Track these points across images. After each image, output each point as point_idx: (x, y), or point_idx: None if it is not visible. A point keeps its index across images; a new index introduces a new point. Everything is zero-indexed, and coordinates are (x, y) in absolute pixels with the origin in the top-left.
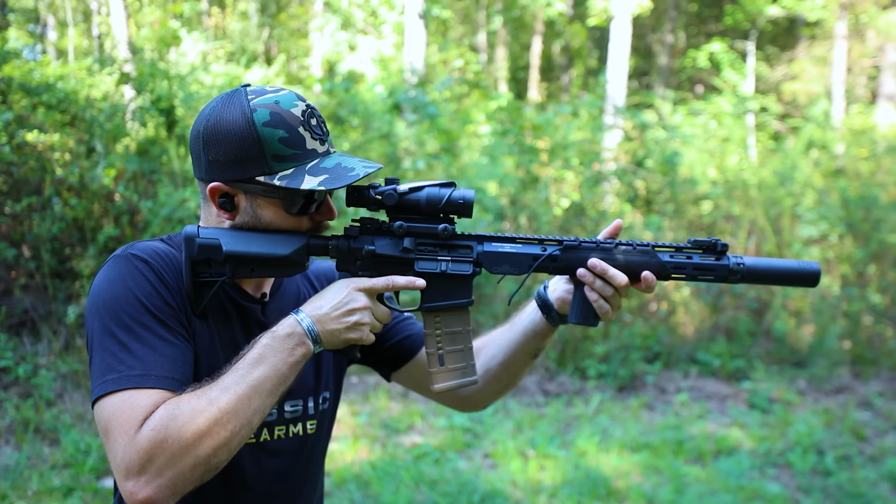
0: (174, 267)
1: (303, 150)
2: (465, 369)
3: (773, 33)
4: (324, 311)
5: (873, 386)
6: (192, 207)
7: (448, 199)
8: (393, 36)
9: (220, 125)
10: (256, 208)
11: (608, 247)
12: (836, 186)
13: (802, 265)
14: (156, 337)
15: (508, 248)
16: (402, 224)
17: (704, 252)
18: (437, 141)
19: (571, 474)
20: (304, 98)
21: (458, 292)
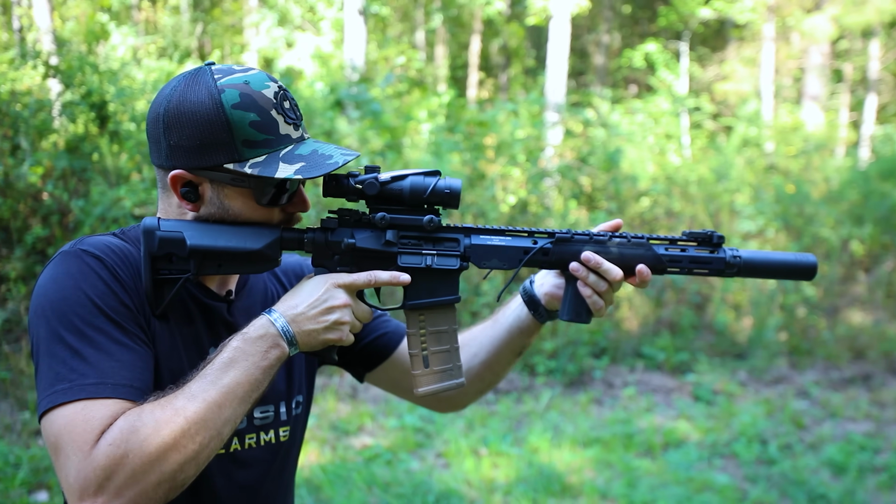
0: (130, 263)
1: (276, 135)
2: (451, 371)
3: (704, 35)
4: (299, 310)
5: (809, 375)
6: (127, 206)
7: (433, 188)
8: (332, 33)
9: (184, 106)
10: (224, 198)
11: (602, 239)
12: (772, 183)
13: (799, 258)
14: (111, 341)
15: (497, 241)
16: (384, 215)
17: (700, 244)
18: (381, 138)
19: (525, 471)
20: (276, 79)
21: (444, 288)
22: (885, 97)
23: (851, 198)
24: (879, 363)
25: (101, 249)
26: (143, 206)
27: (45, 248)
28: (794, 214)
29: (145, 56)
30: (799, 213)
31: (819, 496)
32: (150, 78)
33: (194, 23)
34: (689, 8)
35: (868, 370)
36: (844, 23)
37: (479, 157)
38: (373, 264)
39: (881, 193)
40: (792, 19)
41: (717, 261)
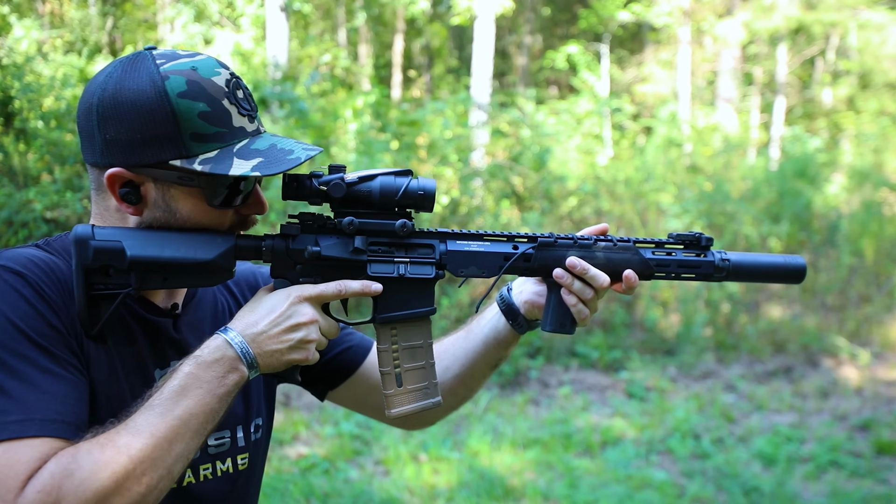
0: (58, 279)
1: (228, 127)
2: (426, 390)
3: (623, 37)
4: (260, 328)
5: (735, 370)
6: (37, 209)
7: (405, 189)
8: (252, 29)
9: (122, 95)
10: (170, 200)
11: (587, 243)
12: (695, 182)
13: (788, 260)
14: (37, 370)
15: (476, 247)
16: (352, 220)
17: (687, 247)
18: (309, 137)
19: (466, 476)
20: (227, 65)
21: (417, 299)
22: (792, 100)
23: (767, 196)
24: (799, 356)
25: (22, 264)
26: (55, 209)
27: None
28: (716, 212)
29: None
30: (721, 212)
31: (752, 488)
32: (57, 73)
33: (104, 17)
34: (608, 11)
35: (789, 363)
36: (754, 28)
37: (411, 156)
38: (339, 274)
39: (795, 192)
40: (705, 23)
41: (705, 265)
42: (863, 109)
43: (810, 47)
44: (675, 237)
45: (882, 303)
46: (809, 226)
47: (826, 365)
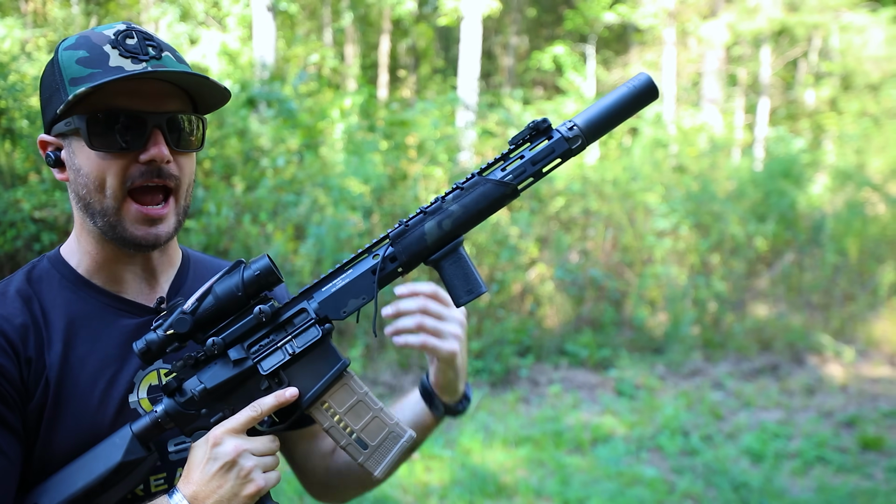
0: (7, 325)
1: (104, 67)
2: (392, 433)
3: (608, 38)
4: (197, 486)
5: (722, 367)
6: (26, 209)
7: (243, 282)
8: (238, 29)
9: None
10: (73, 157)
11: (437, 206)
12: (682, 182)
13: (632, 84)
14: None
15: (341, 283)
16: (214, 340)
17: (532, 142)
18: (298, 138)
19: (459, 473)
20: (140, 28)
21: (324, 364)
22: (775, 101)
23: (753, 196)
24: (785, 353)
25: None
26: (44, 209)
27: None
28: (703, 212)
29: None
30: (707, 212)
31: (741, 484)
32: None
33: (88, 16)
34: (593, 12)
35: (775, 360)
36: (738, 30)
37: (401, 156)
38: (242, 390)
39: (780, 192)
40: (690, 25)
41: (557, 143)
42: (845, 110)
43: (793, 49)
44: (513, 141)
45: (866, 301)
46: (795, 225)
47: (811, 362)
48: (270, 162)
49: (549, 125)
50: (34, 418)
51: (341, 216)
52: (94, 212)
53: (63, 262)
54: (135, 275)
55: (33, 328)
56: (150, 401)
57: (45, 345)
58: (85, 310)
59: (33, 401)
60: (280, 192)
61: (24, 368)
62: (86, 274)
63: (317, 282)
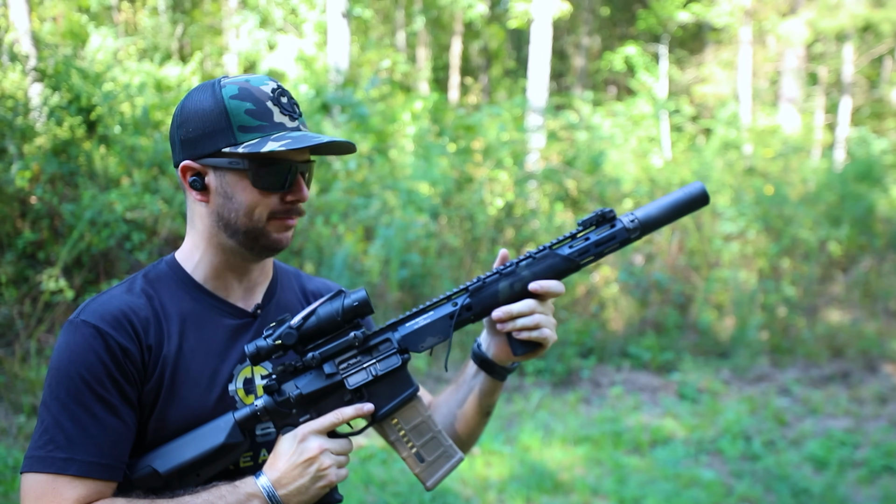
0: (133, 321)
1: (270, 122)
2: (446, 453)
3: (682, 38)
4: (281, 473)
5: (790, 373)
6: (118, 210)
7: (343, 309)
8: (314, 35)
9: (191, 104)
10: (226, 186)
11: (511, 269)
12: (752, 185)
13: (688, 190)
14: (90, 416)
15: (423, 321)
16: (313, 355)
17: (597, 227)
18: (369, 142)
19: (517, 469)
20: (278, 81)
21: (399, 386)
22: (858, 100)
23: (828, 199)
24: (857, 361)
25: (101, 317)
26: (135, 211)
27: (35, 252)
28: (773, 216)
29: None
30: (778, 215)
31: (802, 490)
32: (133, 81)
33: (174, 24)
34: (667, 11)
35: (847, 368)
36: (819, 27)
37: (467, 160)
38: (329, 399)
39: (857, 195)
40: (768, 23)
41: (619, 232)
42: None
43: (878, 46)
44: (582, 223)
45: None
46: (872, 229)
47: (886, 370)
48: (343, 165)
49: (614, 215)
50: (151, 397)
51: (409, 218)
52: (237, 230)
53: (179, 267)
54: (240, 283)
55: (154, 321)
56: (244, 391)
57: (165, 336)
58: (196, 309)
59: (150, 382)
60: (351, 195)
61: (145, 353)
62: (199, 279)
63: (402, 317)
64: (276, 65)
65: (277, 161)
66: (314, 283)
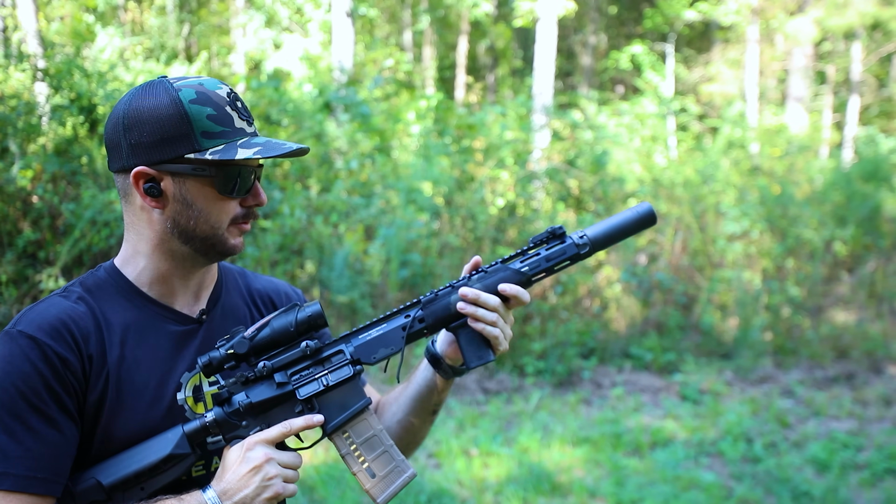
0: (72, 330)
1: (231, 127)
2: (397, 469)
3: (689, 36)
4: (226, 484)
5: (794, 375)
6: (118, 210)
7: (296, 321)
8: (320, 34)
9: (143, 107)
10: (185, 193)
11: (463, 283)
12: (756, 184)
13: (636, 211)
14: (25, 428)
15: (376, 333)
16: (265, 364)
17: (548, 242)
18: (371, 141)
19: (515, 471)
20: (226, 84)
21: (351, 398)
22: (867, 98)
23: (835, 199)
24: (862, 362)
25: (39, 327)
26: None
27: (35, 251)
28: (778, 216)
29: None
30: (783, 215)
31: (803, 493)
32: (137, 80)
33: (181, 24)
34: (674, 10)
35: (851, 369)
36: (827, 25)
37: (468, 159)
38: (279, 409)
39: (863, 195)
40: (776, 21)
41: (568, 248)
42: None
43: (887, 44)
44: (533, 240)
45: None
46: (878, 229)
47: (890, 372)
48: (344, 164)
49: (563, 232)
50: (94, 409)
51: (410, 217)
52: (193, 237)
53: (120, 274)
54: (185, 289)
55: (95, 330)
56: (193, 398)
57: (106, 346)
58: (139, 316)
59: (93, 394)
60: (352, 194)
61: (86, 364)
62: (142, 285)
63: (355, 329)
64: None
65: (240, 167)
66: (260, 282)
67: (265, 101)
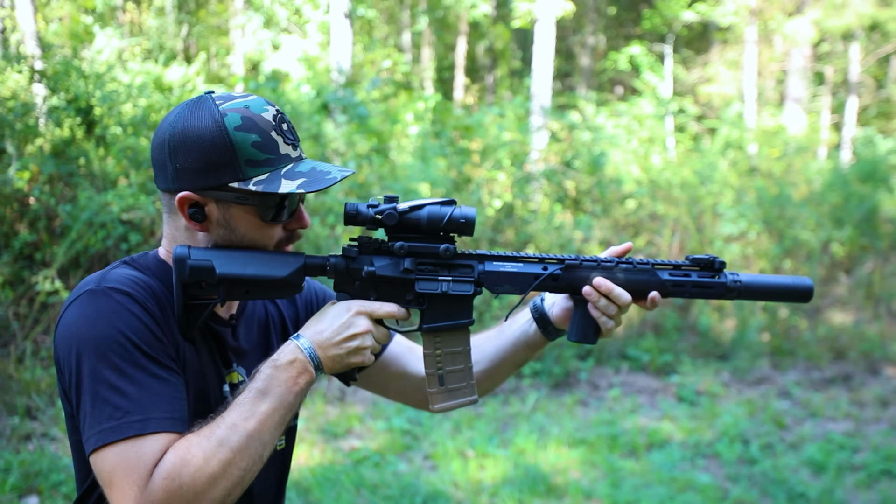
0: (154, 294)
1: (276, 154)
2: (465, 389)
3: (688, 37)
4: (325, 336)
5: (791, 376)
6: (115, 211)
7: (450, 217)
8: (318, 35)
9: (189, 131)
10: (229, 218)
11: (609, 265)
12: (753, 185)
13: (796, 282)
14: (149, 376)
15: (510, 268)
16: (402, 244)
17: (702, 269)
18: (368, 142)
19: (511, 472)
20: (274, 104)
21: (458, 312)
22: (865, 99)
23: (832, 200)
24: (859, 363)
25: (127, 285)
26: (131, 211)
27: (32, 253)
28: (775, 217)
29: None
30: (780, 216)
31: (798, 495)
32: (135, 81)
33: (179, 24)
34: (672, 11)
35: (848, 370)
36: (825, 26)
37: (465, 161)
38: (391, 289)
39: (861, 196)
40: (774, 22)
41: (718, 286)
42: None
43: (885, 45)
44: (691, 260)
45: None
46: (876, 230)
47: (888, 373)
48: (342, 165)
49: (723, 268)
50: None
51: None
52: None
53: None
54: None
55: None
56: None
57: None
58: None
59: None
60: (350, 196)
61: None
62: None
63: (494, 254)
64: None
65: (284, 197)
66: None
67: None
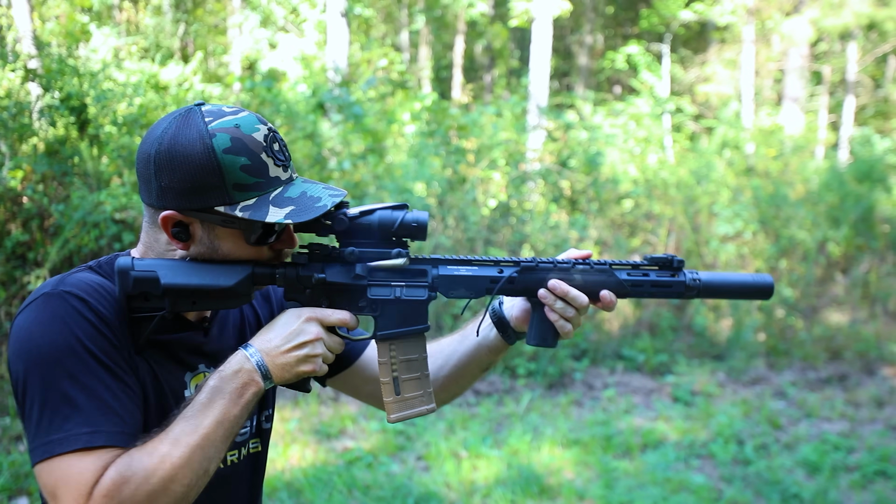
0: (112, 299)
1: (265, 178)
2: (422, 397)
3: (685, 37)
4: (274, 344)
5: (786, 376)
6: (108, 210)
7: (401, 222)
8: (315, 34)
9: (175, 150)
10: (214, 238)
11: (566, 267)
12: (749, 185)
13: (756, 279)
14: (102, 386)
15: (464, 272)
16: (353, 250)
17: (661, 269)
18: (363, 141)
19: (504, 473)
20: (266, 121)
21: (413, 318)
22: (863, 99)
23: (829, 200)
24: (855, 363)
25: (84, 290)
26: (124, 211)
27: (25, 252)
28: (771, 217)
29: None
30: (776, 216)
31: (793, 496)
32: (131, 80)
33: (177, 23)
34: (670, 10)
35: (844, 370)
36: (823, 26)
37: (460, 160)
38: (344, 296)
39: (857, 196)
40: (771, 22)
41: (677, 284)
42: None
43: (883, 44)
44: (649, 259)
45: None
46: (872, 230)
47: (884, 373)
48: (337, 164)
49: (681, 267)
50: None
51: None
52: None
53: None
54: None
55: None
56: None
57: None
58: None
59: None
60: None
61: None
62: None
63: (448, 258)
64: (276, 64)
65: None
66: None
67: (258, 101)
